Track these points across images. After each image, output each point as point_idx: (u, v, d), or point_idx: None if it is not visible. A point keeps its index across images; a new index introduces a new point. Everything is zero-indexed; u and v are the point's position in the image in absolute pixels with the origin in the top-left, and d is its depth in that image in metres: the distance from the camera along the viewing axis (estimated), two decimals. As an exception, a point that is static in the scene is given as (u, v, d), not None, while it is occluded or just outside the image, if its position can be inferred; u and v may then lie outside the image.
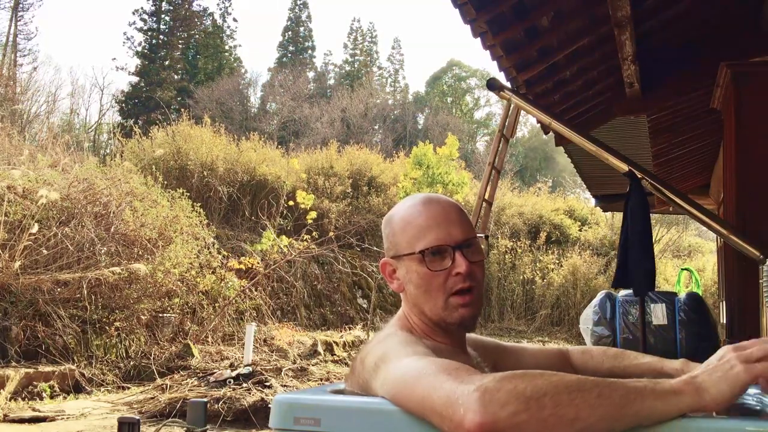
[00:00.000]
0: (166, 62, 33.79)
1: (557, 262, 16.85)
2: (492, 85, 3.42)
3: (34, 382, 6.84)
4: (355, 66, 43.19)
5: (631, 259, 2.60)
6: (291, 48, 41.88)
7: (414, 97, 43.74)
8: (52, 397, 6.85)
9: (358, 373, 1.13)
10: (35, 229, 7.66)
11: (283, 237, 11.00)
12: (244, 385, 6.69)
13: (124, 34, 52.82)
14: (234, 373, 6.96)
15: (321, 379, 8.01)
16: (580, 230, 19.06)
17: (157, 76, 32.32)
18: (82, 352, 7.75)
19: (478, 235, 1.25)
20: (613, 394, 0.86)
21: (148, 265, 8.52)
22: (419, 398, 0.90)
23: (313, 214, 10.96)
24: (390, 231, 1.26)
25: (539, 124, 3.80)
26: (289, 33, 42.26)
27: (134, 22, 34.08)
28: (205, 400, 4.88)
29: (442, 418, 0.85)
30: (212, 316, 9.77)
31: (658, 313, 3.46)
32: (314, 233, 11.56)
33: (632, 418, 0.86)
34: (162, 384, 7.08)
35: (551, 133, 4.13)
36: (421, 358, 0.98)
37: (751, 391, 1.28)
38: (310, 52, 42.59)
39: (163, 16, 34.59)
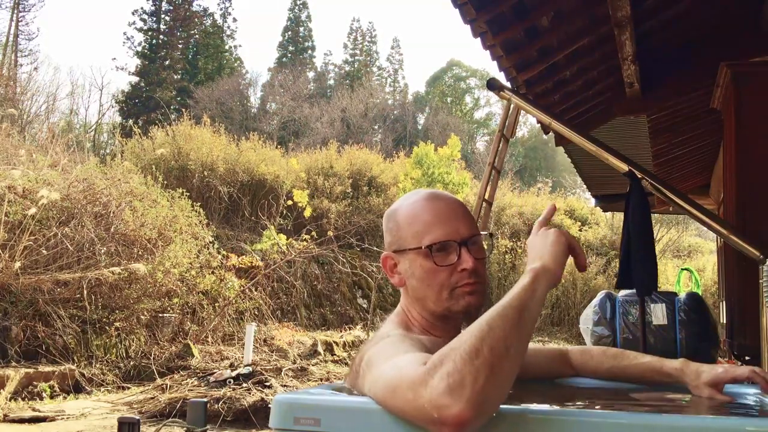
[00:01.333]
0: (166, 62, 33.78)
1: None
2: (492, 85, 3.42)
3: (34, 382, 6.84)
4: (355, 66, 43.18)
5: (633, 260, 2.59)
6: (291, 48, 41.87)
7: (414, 97, 43.73)
8: (52, 397, 6.85)
9: (357, 373, 1.14)
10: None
11: (282, 236, 11.00)
12: (244, 385, 6.68)
13: (124, 34, 52.83)
14: (234, 373, 6.95)
15: (321, 379, 8.00)
16: (580, 230, 19.06)
17: (157, 76, 32.32)
18: (82, 352, 7.75)
19: (482, 232, 1.26)
20: (509, 311, 0.94)
21: (148, 265, 8.51)
22: (400, 412, 0.92)
23: (309, 211, 10.94)
24: (394, 225, 1.25)
25: (539, 124, 3.79)
26: (289, 33, 42.26)
27: (134, 22, 34.14)
28: (205, 400, 4.89)
29: (430, 425, 0.88)
30: (212, 316, 9.76)
31: (658, 313, 3.46)
32: (314, 233, 11.56)
33: (533, 317, 0.97)
34: (162, 384, 7.07)
35: (551, 133, 4.13)
36: (396, 365, 0.98)
37: (751, 390, 1.28)
38: (310, 52, 42.59)
39: (163, 16, 34.60)
